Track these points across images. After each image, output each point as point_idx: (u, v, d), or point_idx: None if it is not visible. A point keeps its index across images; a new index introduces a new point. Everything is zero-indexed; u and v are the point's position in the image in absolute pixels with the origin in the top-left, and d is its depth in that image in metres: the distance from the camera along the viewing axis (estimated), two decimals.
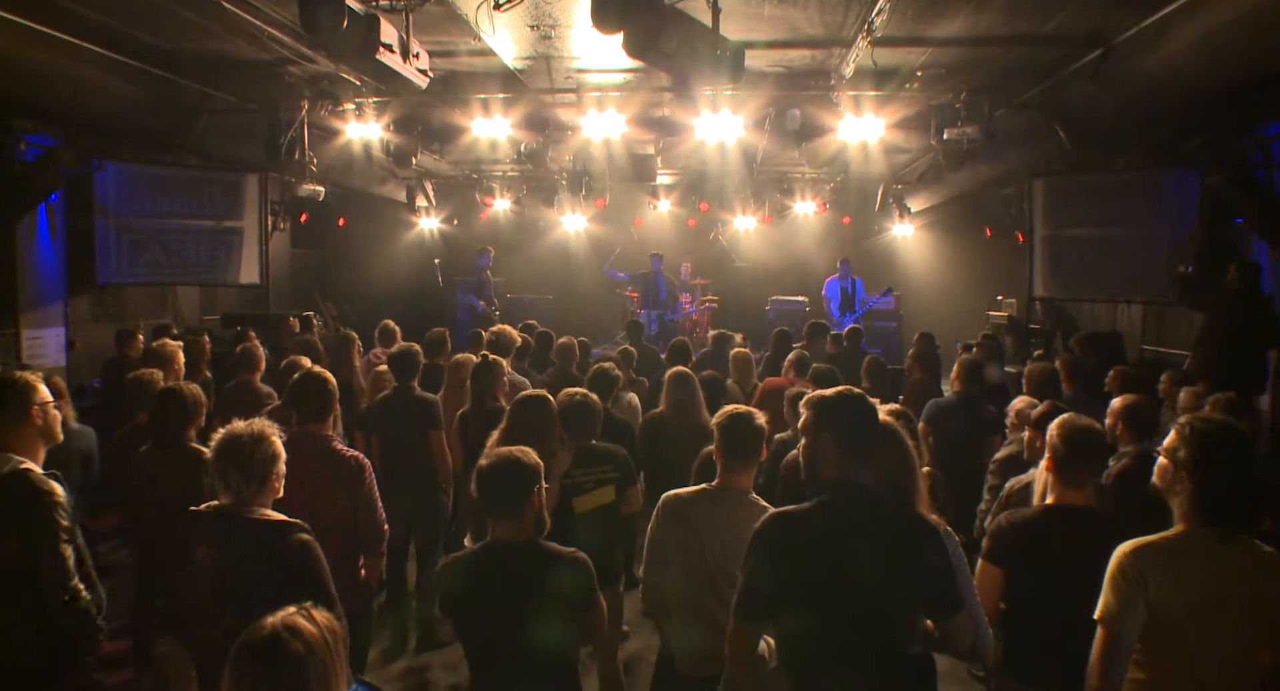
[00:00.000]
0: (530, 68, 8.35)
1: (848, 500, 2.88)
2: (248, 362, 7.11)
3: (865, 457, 2.93)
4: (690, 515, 3.76)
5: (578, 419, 4.99)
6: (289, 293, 16.48)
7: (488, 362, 6.18)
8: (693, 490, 3.90)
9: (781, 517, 2.89)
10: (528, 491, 3.26)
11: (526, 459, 3.31)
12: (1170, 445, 2.87)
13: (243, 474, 3.26)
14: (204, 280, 12.35)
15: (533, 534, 3.31)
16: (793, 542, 2.86)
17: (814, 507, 2.90)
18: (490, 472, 3.27)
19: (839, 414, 2.97)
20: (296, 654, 2.00)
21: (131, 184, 11.03)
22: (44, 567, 3.40)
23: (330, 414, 4.54)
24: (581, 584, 3.26)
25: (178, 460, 4.61)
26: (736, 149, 10.66)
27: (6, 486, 3.42)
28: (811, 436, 3.02)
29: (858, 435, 2.94)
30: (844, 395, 3.03)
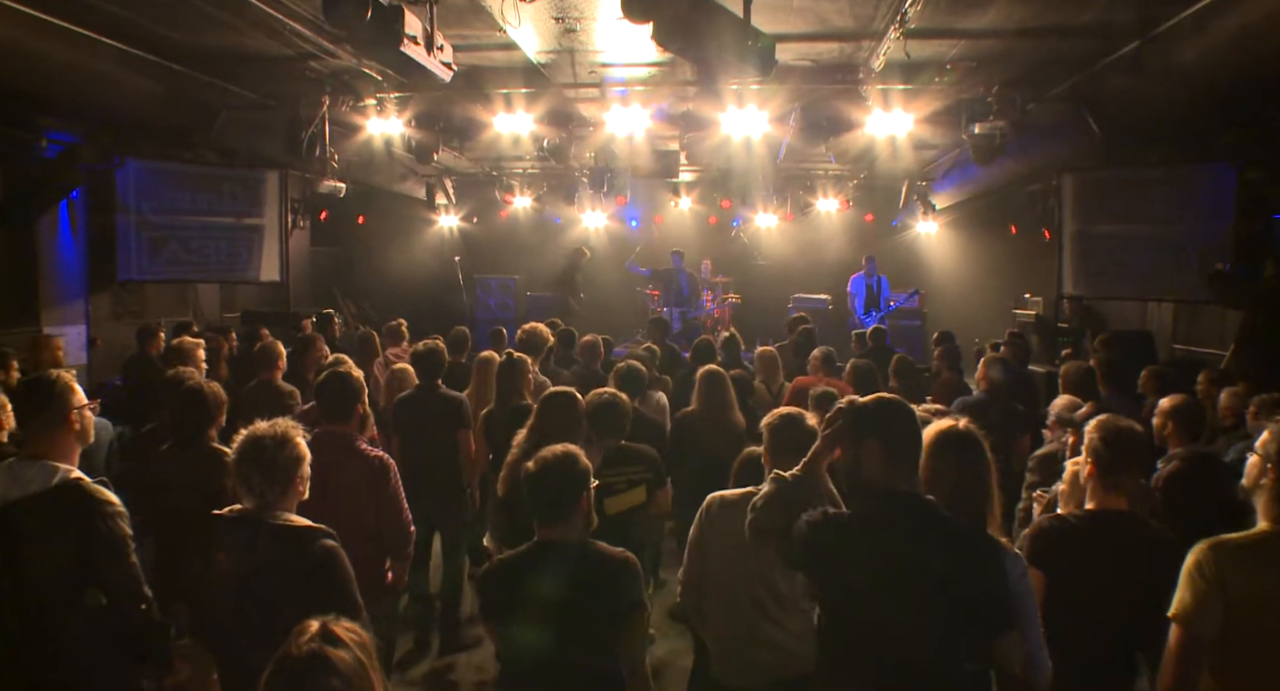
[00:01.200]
0: (553, 62, 8.24)
1: (897, 510, 2.74)
2: (267, 360, 7.01)
3: (914, 466, 2.80)
4: (736, 518, 3.61)
5: (608, 418, 4.88)
6: (308, 290, 16.43)
7: (513, 360, 6.07)
8: (739, 492, 3.77)
9: (827, 523, 2.76)
10: (579, 493, 3.18)
11: (579, 460, 3.21)
12: (1265, 442, 2.77)
13: (265, 477, 3.15)
14: (224, 278, 12.29)
15: (582, 535, 3.21)
16: (835, 550, 2.73)
17: (860, 516, 2.77)
18: (541, 474, 3.17)
19: (888, 421, 2.83)
20: None
21: (152, 181, 10.96)
22: (114, 582, 3.27)
23: (354, 413, 4.43)
24: (634, 585, 3.17)
25: (198, 460, 4.51)
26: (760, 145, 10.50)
27: (60, 499, 3.24)
28: (855, 444, 2.88)
29: (906, 443, 2.81)
30: (891, 402, 2.89)
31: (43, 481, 3.23)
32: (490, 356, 7.33)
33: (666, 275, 14.46)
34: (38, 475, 3.24)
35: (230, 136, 10.10)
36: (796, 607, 3.60)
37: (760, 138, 9.46)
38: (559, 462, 3.17)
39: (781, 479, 2.96)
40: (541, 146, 10.27)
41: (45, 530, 3.18)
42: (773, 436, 3.71)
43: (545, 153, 10.30)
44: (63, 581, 3.21)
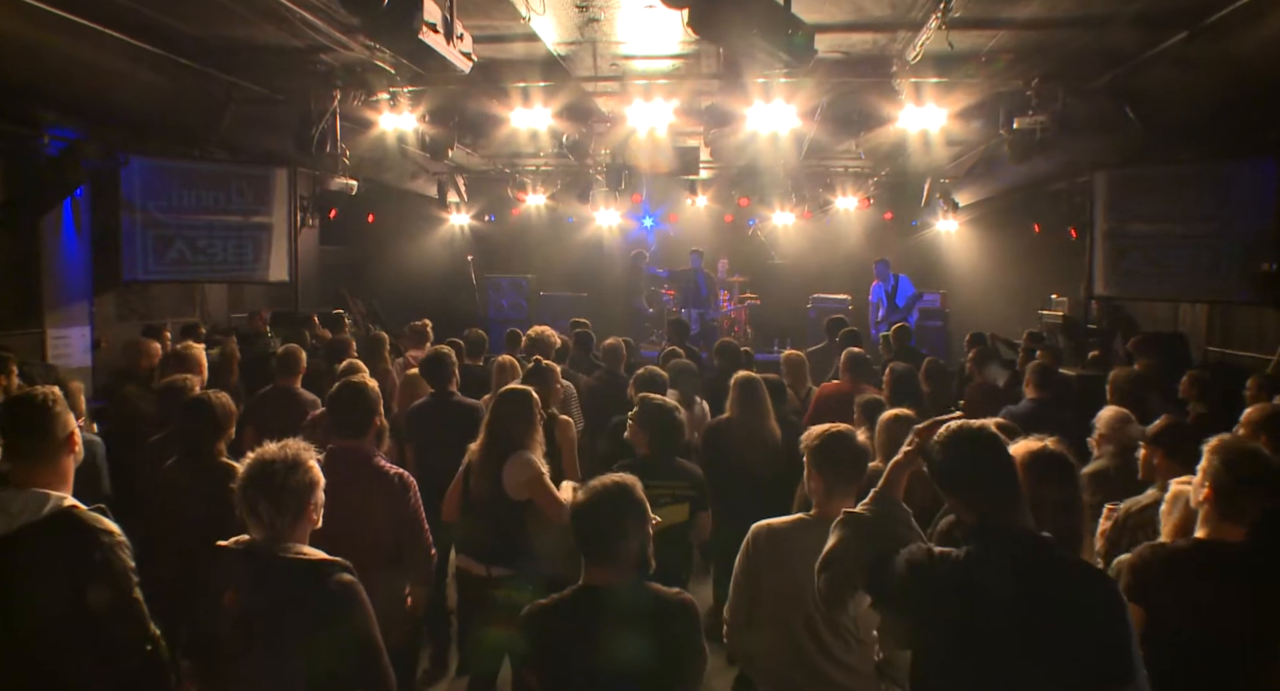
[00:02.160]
0: (573, 54, 7.92)
1: (1012, 549, 2.40)
2: (288, 366, 6.69)
3: (1020, 498, 2.46)
4: (787, 549, 3.29)
5: (667, 430, 4.59)
6: (317, 290, 16.13)
7: (541, 368, 5.76)
8: (788, 520, 3.44)
9: (934, 564, 2.41)
10: (635, 530, 2.83)
11: (633, 491, 2.87)
12: None
13: (275, 505, 2.83)
14: (232, 277, 11.99)
15: (635, 575, 2.86)
16: (943, 595, 2.39)
17: (973, 557, 2.42)
18: (590, 507, 2.83)
19: (980, 453, 2.50)
20: None
21: (157, 179, 10.69)
22: (115, 619, 2.95)
23: (371, 427, 4.11)
24: (693, 631, 2.84)
25: (206, 476, 4.20)
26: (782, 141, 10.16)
27: (52, 531, 2.90)
28: None
29: (1004, 474, 2.47)
30: (977, 431, 2.55)
31: (33, 512, 2.89)
32: (510, 361, 7.02)
33: (684, 275, 14.11)
34: (27, 505, 2.90)
35: (238, 133, 9.81)
36: (859, 642, 3.28)
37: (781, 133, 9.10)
38: (611, 494, 2.83)
39: (855, 518, 2.64)
40: (560, 142, 9.92)
41: (36, 567, 2.85)
42: (820, 457, 3.38)
43: (565, 149, 9.94)
44: (59, 623, 2.88)
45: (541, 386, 5.76)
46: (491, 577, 4.46)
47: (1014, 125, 7.98)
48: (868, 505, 2.64)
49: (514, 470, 4.44)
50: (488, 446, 4.57)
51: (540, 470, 4.46)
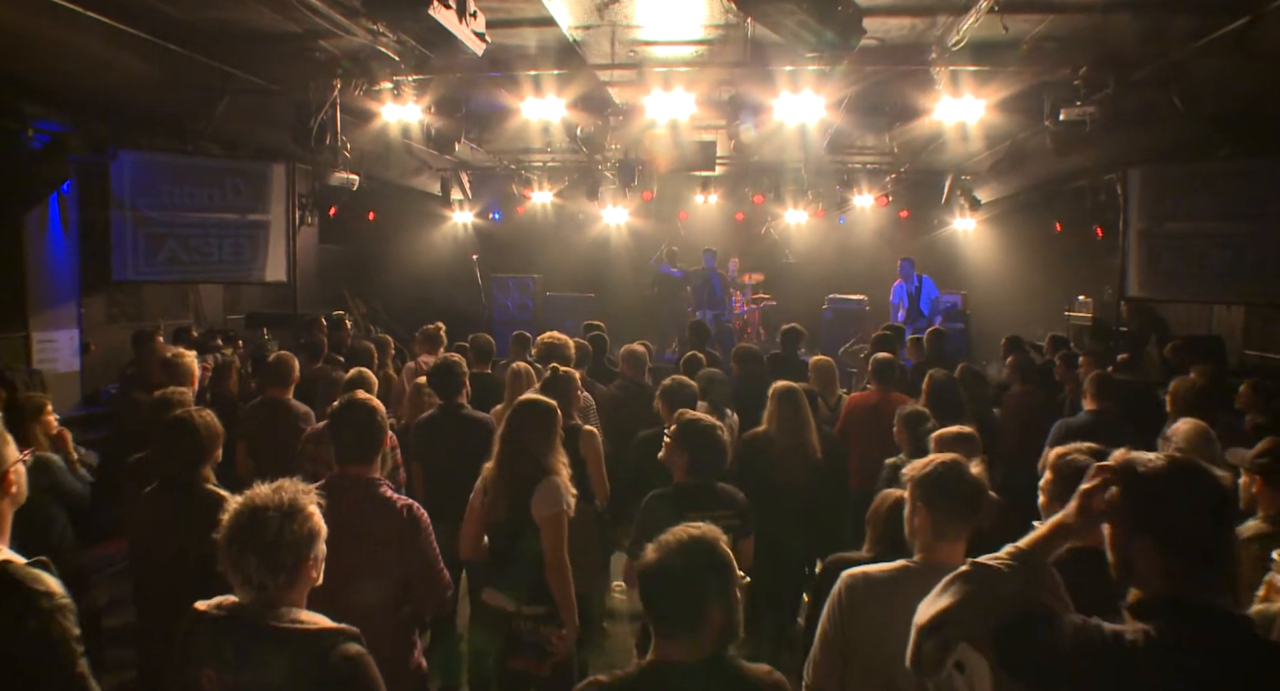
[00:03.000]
0: (589, 39, 7.40)
1: (1205, 634, 1.86)
2: (278, 376, 6.18)
3: (1208, 565, 1.92)
4: (891, 605, 2.73)
5: (709, 452, 4.11)
6: (316, 290, 15.66)
7: (559, 376, 5.25)
8: (888, 568, 2.91)
9: (1108, 647, 1.87)
10: (719, 596, 2.27)
11: (716, 550, 2.31)
12: None
13: (267, 563, 2.31)
14: (227, 278, 11.50)
15: (716, 648, 2.30)
16: (1117, 684, 1.86)
17: (1157, 643, 1.88)
18: (661, 573, 2.28)
19: (1164, 502, 1.94)
20: None
21: (149, 174, 10.23)
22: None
23: (378, 452, 3.60)
24: None
25: (188, 507, 3.70)
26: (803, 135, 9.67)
27: None
28: (1123, 537, 2.00)
29: (1193, 531, 1.94)
30: (1176, 467, 2.00)
31: None
32: (525, 369, 6.51)
33: (699, 276, 13.59)
34: None
35: (233, 125, 9.32)
36: None
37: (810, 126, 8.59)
38: (689, 553, 2.28)
39: (986, 573, 2.09)
40: (574, 135, 9.39)
41: None
42: (929, 493, 2.86)
43: (578, 142, 9.39)
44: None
45: (561, 397, 5.27)
46: (521, 614, 4.00)
47: (1060, 117, 7.45)
48: (1004, 560, 2.09)
49: (543, 500, 3.99)
50: (505, 466, 4.09)
51: (564, 509, 4.03)
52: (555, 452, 4.15)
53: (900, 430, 5.66)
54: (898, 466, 5.51)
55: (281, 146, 10.06)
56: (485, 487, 4.15)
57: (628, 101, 9.17)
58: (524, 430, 4.12)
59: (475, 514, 4.15)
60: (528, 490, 4.00)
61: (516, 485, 4.03)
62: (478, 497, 4.14)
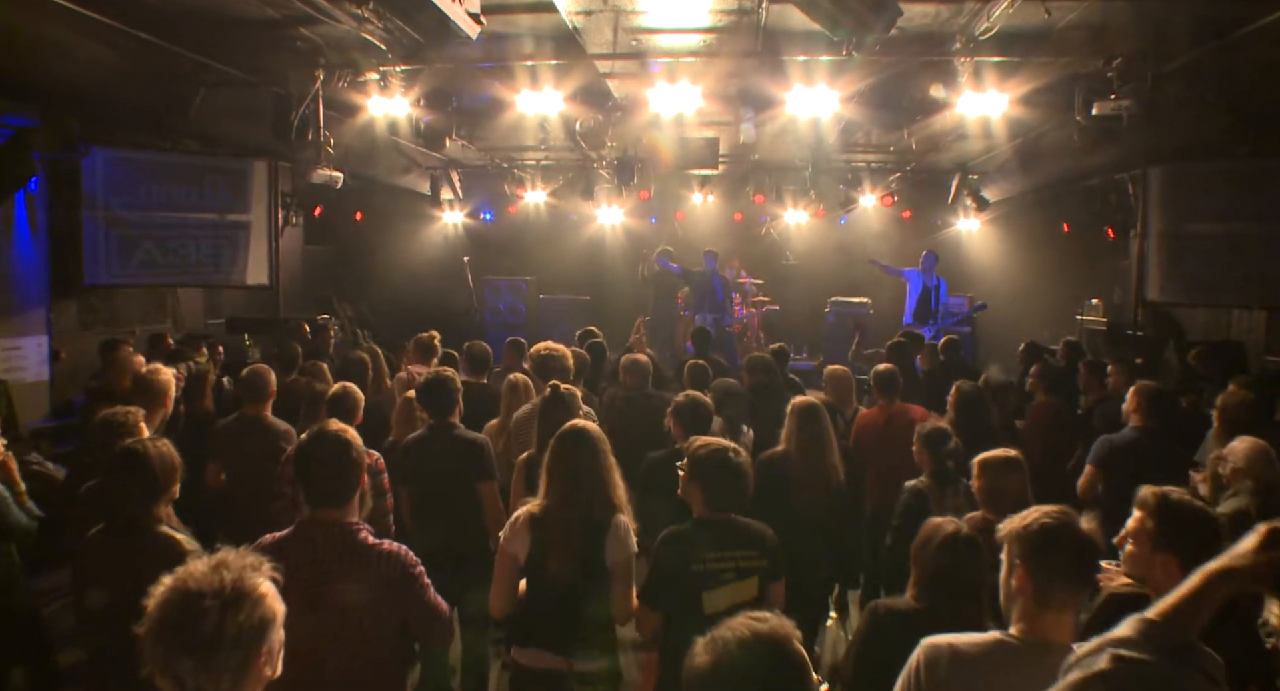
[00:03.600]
0: (589, 26, 6.88)
1: None
2: (252, 390, 5.65)
3: None
4: (980, 682, 2.22)
5: (727, 484, 3.63)
6: (301, 293, 15.16)
7: (561, 394, 4.74)
8: (980, 642, 2.39)
9: None
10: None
11: (788, 649, 1.82)
12: None
13: (205, 665, 1.79)
14: (206, 282, 10.99)
15: None
16: None
17: None
18: (720, 680, 1.79)
19: None
20: None
21: (122, 172, 9.75)
22: None
23: (355, 491, 3.08)
24: None
25: (138, 553, 3.19)
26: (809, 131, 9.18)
27: None
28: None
29: None
30: None
31: None
32: (524, 381, 6.02)
33: (699, 278, 13.10)
34: None
35: (209, 120, 8.80)
36: None
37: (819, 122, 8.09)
38: (754, 660, 1.77)
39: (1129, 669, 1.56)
40: (572, 131, 8.85)
41: None
42: (1034, 553, 2.35)
43: (577, 136, 8.85)
44: None
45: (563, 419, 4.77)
46: (574, 672, 3.54)
47: (1093, 111, 6.97)
48: (1139, 640, 1.57)
49: (619, 542, 3.58)
50: (567, 507, 3.58)
51: (635, 550, 3.64)
52: (619, 485, 3.72)
53: (921, 450, 5.23)
54: (920, 492, 5.06)
55: (263, 143, 9.55)
56: (529, 533, 3.59)
57: (629, 95, 8.64)
58: (585, 464, 3.63)
59: (510, 565, 3.61)
60: (599, 532, 3.56)
61: (585, 528, 3.56)
62: (518, 544, 3.60)
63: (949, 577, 3.18)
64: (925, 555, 3.32)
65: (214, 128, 9.17)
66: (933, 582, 3.23)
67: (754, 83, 7.73)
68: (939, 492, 5.06)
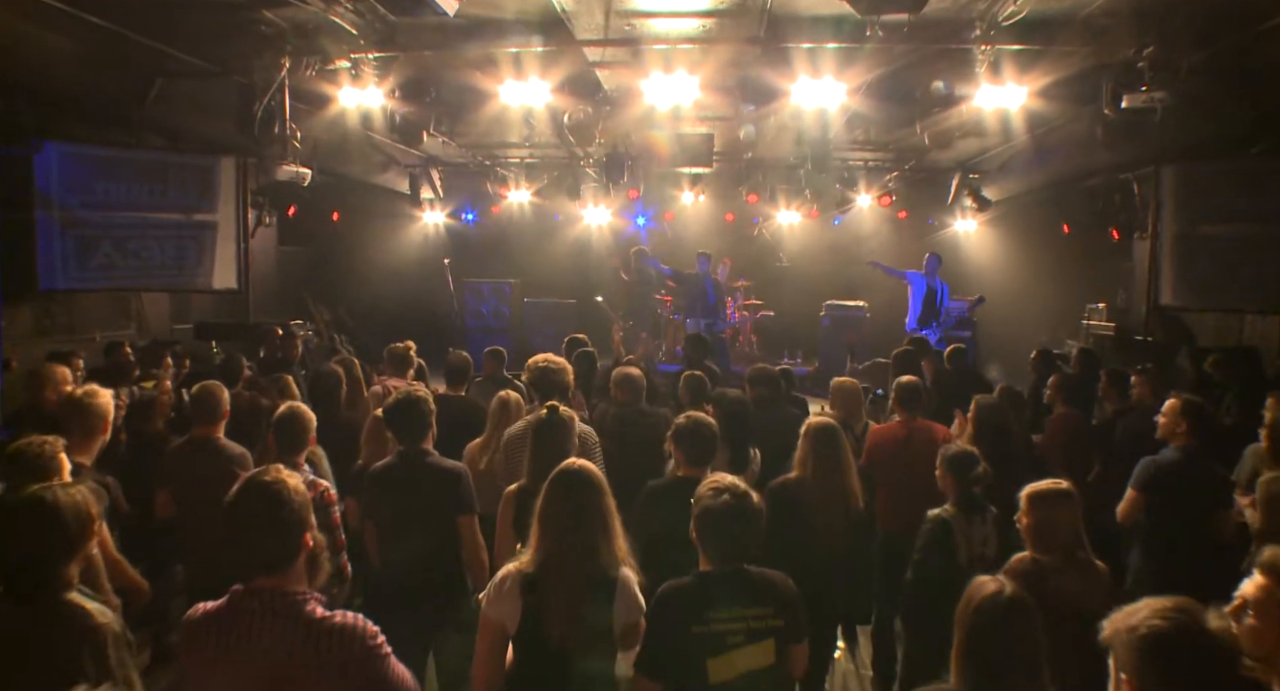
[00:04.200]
0: (579, 9, 6.31)
1: None
2: (202, 410, 5.07)
3: None
4: None
5: (739, 536, 3.13)
6: (275, 296, 14.57)
7: (558, 419, 4.18)
8: None
9: None
10: None
11: None
12: None
13: None
14: (169, 285, 10.39)
15: None
16: None
17: None
18: None
19: None
20: None
21: (80, 168, 9.14)
22: None
23: (298, 553, 2.51)
24: None
25: (36, 624, 2.63)
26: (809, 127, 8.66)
27: None
28: None
29: None
30: None
31: None
32: (513, 400, 5.46)
33: (690, 280, 12.55)
34: None
35: (170, 112, 8.22)
36: None
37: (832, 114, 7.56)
38: None
39: None
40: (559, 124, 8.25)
41: None
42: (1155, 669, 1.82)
43: (566, 131, 8.24)
44: None
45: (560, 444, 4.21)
46: None
47: (1122, 104, 6.45)
48: None
49: (627, 606, 3.10)
50: (567, 566, 3.06)
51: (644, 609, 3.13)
52: (620, 534, 3.22)
53: (945, 474, 4.75)
54: (944, 522, 4.57)
55: (229, 138, 8.96)
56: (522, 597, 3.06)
57: (620, 86, 8.06)
58: (586, 511, 3.12)
59: (498, 635, 3.06)
60: (605, 592, 3.08)
61: (588, 589, 3.05)
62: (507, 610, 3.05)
63: (997, 652, 2.61)
64: (967, 623, 2.76)
65: (175, 121, 8.59)
66: (978, 659, 2.66)
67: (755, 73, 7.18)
68: (965, 522, 4.58)
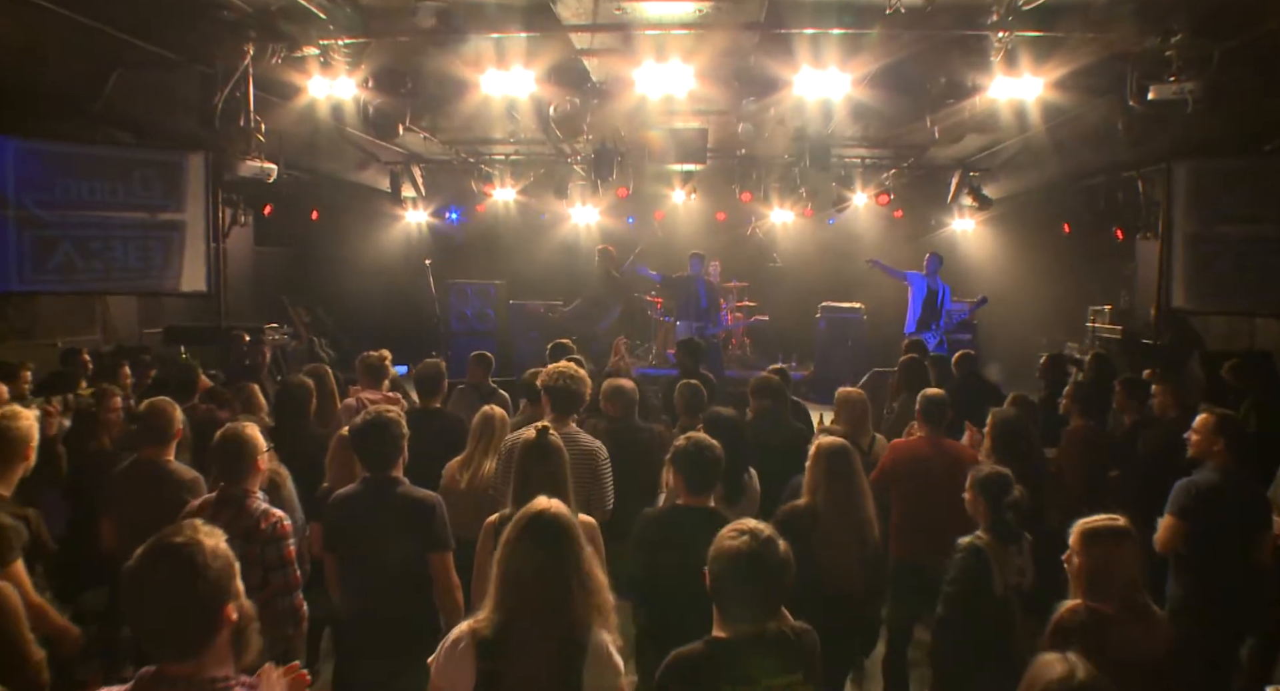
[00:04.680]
0: None
1: None
2: (148, 430, 4.57)
3: None
4: None
5: (763, 595, 2.68)
6: (252, 299, 14.08)
7: (548, 445, 3.68)
8: None
9: None
10: None
11: None
12: None
13: None
14: (134, 288, 9.89)
15: None
16: None
17: None
18: None
19: None
20: None
21: (36, 165, 8.73)
22: None
23: (218, 631, 2.02)
24: None
25: None
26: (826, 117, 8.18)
27: None
28: None
29: None
30: None
31: None
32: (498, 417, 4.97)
33: (682, 282, 12.06)
34: None
35: (130, 105, 7.73)
36: None
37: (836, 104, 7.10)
38: None
39: None
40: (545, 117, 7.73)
41: None
42: None
43: (552, 123, 7.69)
44: None
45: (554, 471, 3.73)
46: None
47: (1149, 95, 6.00)
48: None
49: (601, 669, 2.63)
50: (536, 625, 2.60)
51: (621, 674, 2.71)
52: (602, 589, 2.71)
53: (977, 498, 4.29)
54: (979, 551, 4.11)
55: (198, 133, 8.43)
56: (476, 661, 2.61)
57: (609, 76, 7.55)
58: (557, 570, 2.62)
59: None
60: (574, 656, 2.61)
61: (555, 656, 2.59)
62: (459, 678, 2.58)
63: None
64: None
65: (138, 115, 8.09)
66: None
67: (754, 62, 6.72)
68: (1001, 551, 4.13)
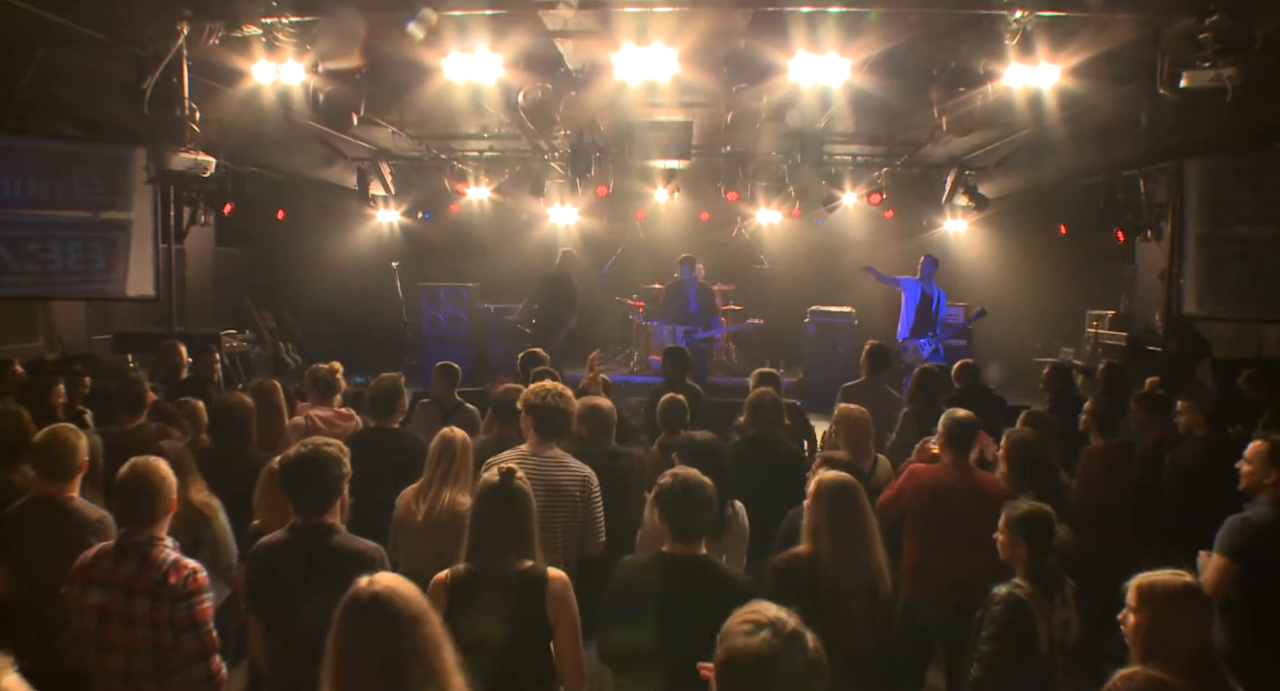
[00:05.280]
0: None
1: None
2: (53, 462, 3.89)
3: None
4: None
5: None
6: (213, 302, 13.44)
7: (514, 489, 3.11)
8: None
9: None
10: None
11: None
12: None
13: None
14: (74, 293, 9.24)
15: None
16: None
17: None
18: None
19: None
20: None
21: None
22: None
23: None
24: None
25: None
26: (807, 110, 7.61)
27: None
28: None
29: None
30: None
31: None
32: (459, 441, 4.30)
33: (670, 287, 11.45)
34: None
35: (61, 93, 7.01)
36: None
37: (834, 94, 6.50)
38: None
39: None
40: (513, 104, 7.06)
41: None
42: None
43: (522, 113, 7.03)
44: None
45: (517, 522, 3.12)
46: None
47: (1181, 82, 5.42)
48: None
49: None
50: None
51: None
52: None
53: (1016, 542, 3.73)
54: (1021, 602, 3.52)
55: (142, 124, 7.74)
56: None
57: (586, 61, 6.88)
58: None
59: None
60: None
61: None
62: None
63: None
64: None
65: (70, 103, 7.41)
66: None
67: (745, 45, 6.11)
68: (1045, 603, 3.55)
